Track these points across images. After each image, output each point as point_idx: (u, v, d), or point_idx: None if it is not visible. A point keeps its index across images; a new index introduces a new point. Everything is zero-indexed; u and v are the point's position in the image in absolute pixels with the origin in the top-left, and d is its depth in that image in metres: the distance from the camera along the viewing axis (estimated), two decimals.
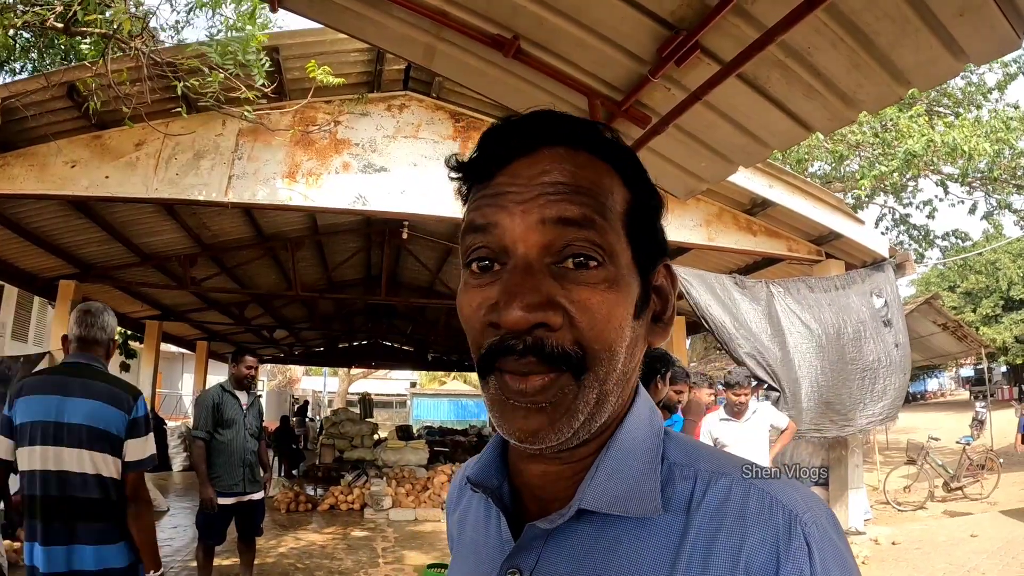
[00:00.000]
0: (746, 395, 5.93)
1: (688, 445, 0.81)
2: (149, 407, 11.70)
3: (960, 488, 11.92)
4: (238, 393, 6.29)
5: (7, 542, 7.19)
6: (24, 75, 11.15)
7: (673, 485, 0.75)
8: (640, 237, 0.78)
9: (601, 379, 0.73)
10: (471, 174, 0.81)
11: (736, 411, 5.95)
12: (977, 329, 28.53)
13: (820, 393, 7.68)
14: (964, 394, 41.25)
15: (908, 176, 17.06)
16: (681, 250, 9.70)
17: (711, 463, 0.76)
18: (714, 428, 6.03)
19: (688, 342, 16.82)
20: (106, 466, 3.17)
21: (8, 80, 9.67)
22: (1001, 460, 12.76)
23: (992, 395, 26.01)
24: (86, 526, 3.12)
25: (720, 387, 7.77)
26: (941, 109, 16.88)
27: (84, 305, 3.47)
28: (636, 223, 0.78)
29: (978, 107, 16.91)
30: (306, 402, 27.22)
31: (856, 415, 7.94)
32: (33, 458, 3.11)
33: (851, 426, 7.95)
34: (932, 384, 50.40)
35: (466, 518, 0.92)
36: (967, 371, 43.53)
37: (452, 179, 0.83)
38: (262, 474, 6.45)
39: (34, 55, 11.29)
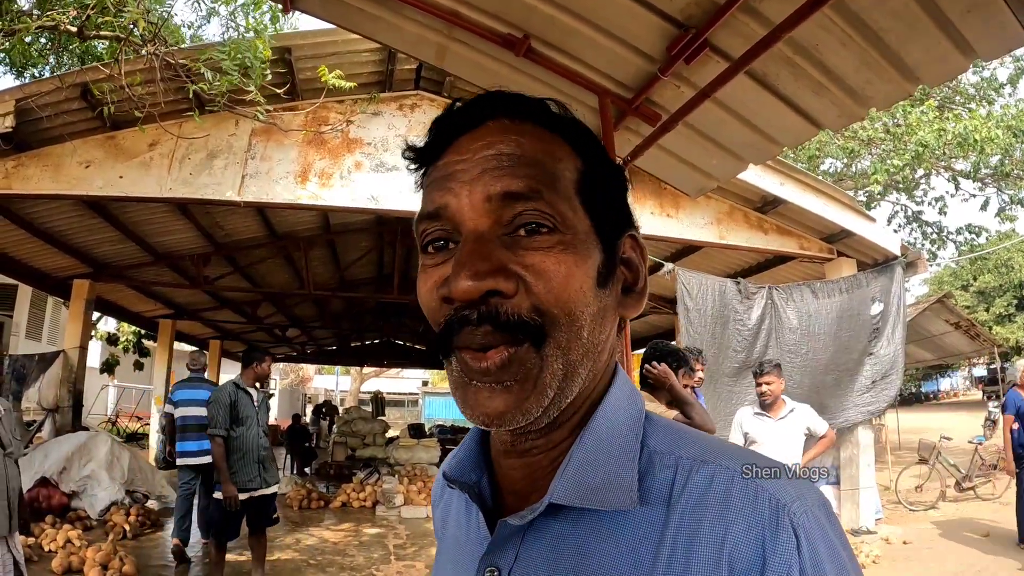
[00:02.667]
0: (767, 384, 5.61)
1: (671, 431, 0.77)
2: (163, 405, 12.25)
3: (972, 488, 11.84)
4: (250, 391, 6.37)
5: (22, 538, 7.27)
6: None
7: (653, 475, 0.71)
8: (598, 206, 0.75)
9: (564, 347, 0.70)
10: (423, 158, 0.79)
11: (767, 404, 5.68)
12: (990, 328, 28.38)
13: (810, 396, 7.78)
14: (977, 394, 41.01)
15: (920, 174, 17.00)
16: (692, 248, 9.70)
17: (694, 450, 0.72)
18: (745, 422, 5.77)
19: None
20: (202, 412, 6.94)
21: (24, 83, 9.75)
22: None
23: (1005, 394, 25.87)
24: (198, 433, 7.34)
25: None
26: (953, 106, 16.78)
27: (192, 352, 8.35)
28: (592, 191, 0.75)
29: (990, 102, 16.81)
30: (326, 402, 27.26)
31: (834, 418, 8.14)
32: (185, 410, 7.90)
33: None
34: (945, 384, 50.17)
35: (448, 512, 0.90)
36: (980, 371, 43.27)
37: (411, 169, 0.81)
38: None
39: (52, 60, 11.38)
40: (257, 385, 6.51)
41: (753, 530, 0.64)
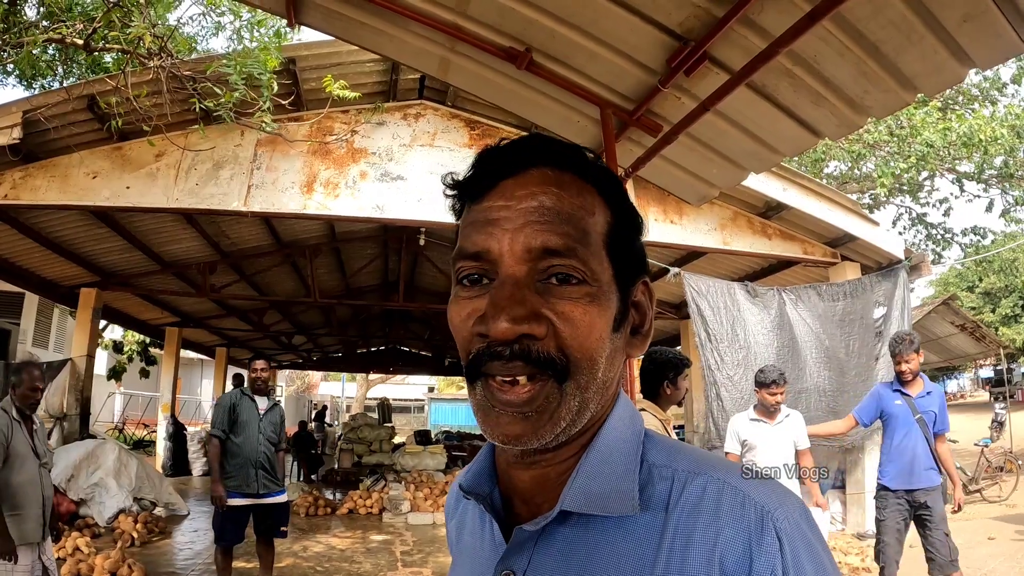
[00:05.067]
0: (782, 394, 5.61)
1: (668, 446, 0.84)
2: (170, 412, 12.27)
3: (978, 490, 11.80)
4: (257, 398, 6.41)
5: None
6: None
7: (652, 485, 0.78)
8: (621, 257, 0.82)
9: (583, 387, 0.77)
10: (465, 192, 0.85)
11: (770, 412, 5.67)
12: (996, 329, 28.27)
13: (826, 402, 7.74)
14: (983, 395, 40.82)
15: (924, 175, 16.97)
16: (696, 254, 9.72)
17: (689, 463, 0.79)
18: (742, 429, 5.75)
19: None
20: None
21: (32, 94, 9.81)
22: (1020, 462, 12.64)
23: (1012, 396, 25.70)
24: None
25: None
26: (956, 106, 16.76)
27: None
28: (617, 244, 0.82)
29: (993, 102, 16.79)
30: (324, 407, 27.30)
31: None
32: None
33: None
34: (951, 386, 49.91)
35: (463, 523, 0.96)
36: (986, 372, 43.08)
37: (447, 195, 0.87)
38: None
39: (60, 71, 11.45)
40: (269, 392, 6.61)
41: (741, 534, 0.71)
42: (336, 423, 27.52)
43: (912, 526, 5.73)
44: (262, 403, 6.44)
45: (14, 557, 4.36)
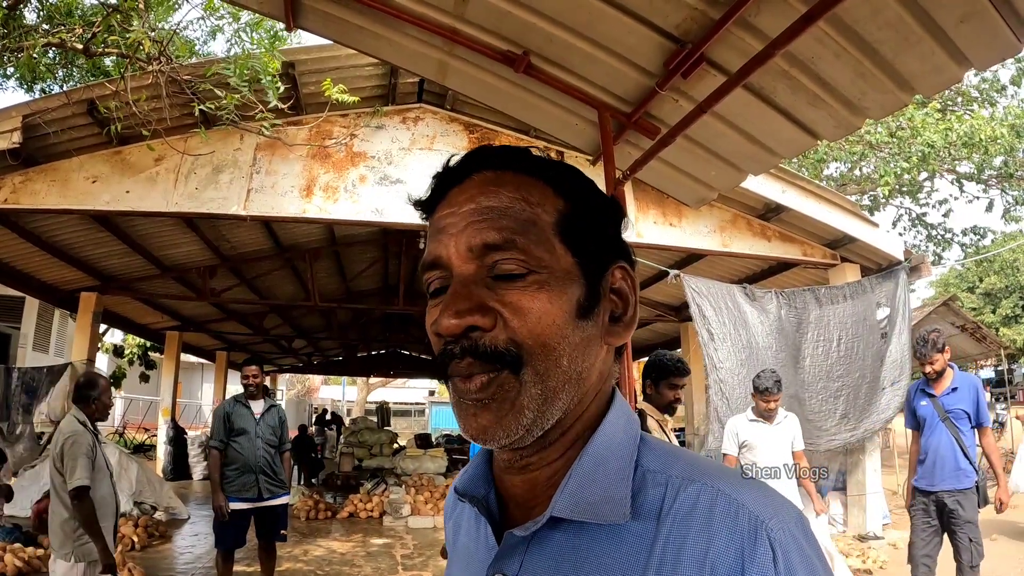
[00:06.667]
0: (776, 402, 5.67)
1: (664, 452, 0.82)
2: (170, 416, 12.00)
3: None
4: (252, 403, 6.42)
5: (30, 549, 7.34)
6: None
7: (645, 492, 0.77)
8: (581, 242, 0.83)
9: (542, 374, 0.77)
10: (425, 208, 0.89)
11: (766, 415, 5.73)
12: (996, 330, 28.27)
13: (828, 406, 7.74)
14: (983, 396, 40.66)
15: (924, 176, 16.98)
16: (696, 256, 9.72)
17: (684, 470, 0.78)
18: (742, 430, 5.78)
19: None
20: None
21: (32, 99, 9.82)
22: None
23: (1012, 396, 25.70)
24: None
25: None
26: (955, 108, 16.77)
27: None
28: (574, 229, 0.83)
29: (992, 104, 16.81)
30: (326, 410, 27.27)
31: (841, 428, 8.07)
32: None
33: (835, 439, 8.10)
34: None
35: (460, 524, 0.96)
36: (987, 373, 43.07)
37: (422, 219, 0.90)
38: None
39: (59, 75, 11.47)
40: (267, 396, 6.62)
41: (733, 543, 0.70)
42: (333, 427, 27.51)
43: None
44: (257, 407, 6.44)
45: (115, 570, 4.40)
